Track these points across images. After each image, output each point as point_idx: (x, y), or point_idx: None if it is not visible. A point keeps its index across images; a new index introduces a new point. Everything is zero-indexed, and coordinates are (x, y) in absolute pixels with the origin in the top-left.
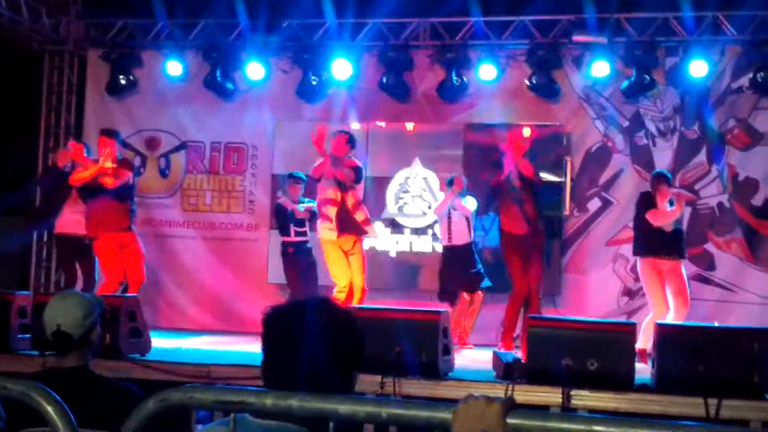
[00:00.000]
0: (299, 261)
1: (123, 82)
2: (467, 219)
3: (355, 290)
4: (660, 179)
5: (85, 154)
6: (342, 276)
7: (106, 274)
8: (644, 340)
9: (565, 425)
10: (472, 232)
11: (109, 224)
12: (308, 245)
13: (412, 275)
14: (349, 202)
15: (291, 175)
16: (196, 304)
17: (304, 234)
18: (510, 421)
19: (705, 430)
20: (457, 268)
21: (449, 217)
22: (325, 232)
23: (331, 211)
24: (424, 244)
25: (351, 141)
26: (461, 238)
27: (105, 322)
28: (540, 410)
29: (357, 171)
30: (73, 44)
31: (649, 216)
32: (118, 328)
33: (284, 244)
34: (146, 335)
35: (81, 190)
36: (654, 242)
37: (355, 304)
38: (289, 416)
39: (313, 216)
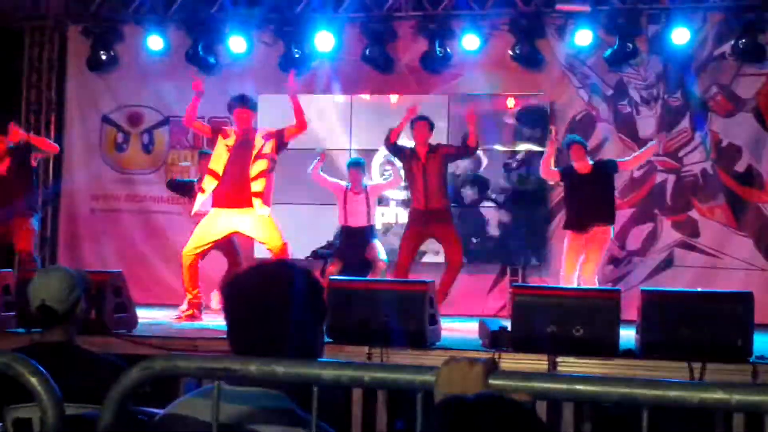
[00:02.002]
0: None
1: (104, 57)
2: (367, 200)
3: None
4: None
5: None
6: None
7: None
8: None
9: (546, 385)
10: (371, 215)
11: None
12: None
13: (398, 247)
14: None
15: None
16: (182, 280)
17: None
18: (492, 381)
19: (680, 387)
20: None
21: (345, 196)
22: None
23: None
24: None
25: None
26: (358, 220)
27: (90, 297)
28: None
29: (277, 137)
30: (54, 19)
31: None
32: (104, 303)
33: None
34: (132, 310)
35: None
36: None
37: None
38: (268, 382)
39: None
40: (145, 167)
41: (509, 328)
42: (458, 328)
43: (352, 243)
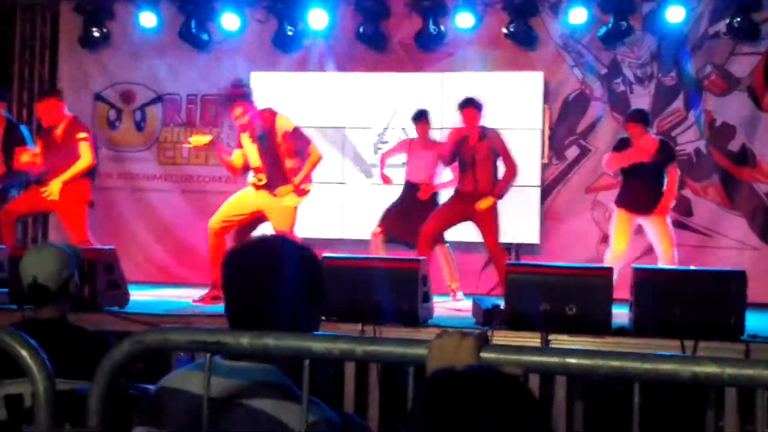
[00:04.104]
0: None
1: (96, 34)
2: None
3: None
4: (629, 117)
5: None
6: None
7: None
8: None
9: (538, 358)
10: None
11: None
12: None
13: None
14: None
15: None
16: (174, 258)
17: None
18: (484, 355)
19: (672, 360)
20: None
21: (410, 147)
22: None
23: None
24: None
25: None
26: (420, 175)
27: (83, 275)
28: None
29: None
30: None
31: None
32: (96, 280)
33: None
34: (124, 288)
35: None
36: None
37: None
38: (261, 356)
39: None
40: (137, 145)
41: (502, 306)
42: (451, 307)
43: (411, 200)
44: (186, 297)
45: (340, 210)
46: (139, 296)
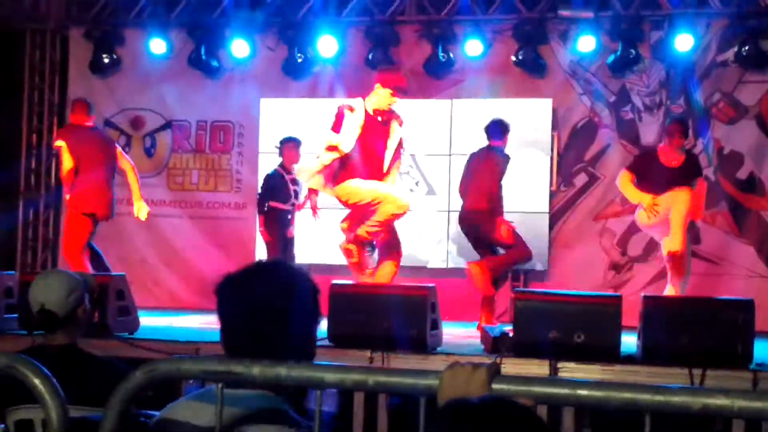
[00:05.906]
0: None
1: (106, 60)
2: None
3: None
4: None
5: None
6: None
7: None
8: None
9: (549, 389)
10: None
11: None
12: None
13: None
14: None
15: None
16: (183, 284)
17: None
18: (495, 386)
19: (683, 392)
20: None
21: None
22: None
23: None
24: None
25: None
26: None
27: (93, 301)
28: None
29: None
30: (55, 22)
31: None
32: (106, 306)
33: None
34: (134, 314)
35: None
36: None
37: None
38: (257, 384)
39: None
40: (146, 171)
41: (511, 334)
42: (460, 334)
43: None
44: (196, 323)
45: None
46: (149, 322)
